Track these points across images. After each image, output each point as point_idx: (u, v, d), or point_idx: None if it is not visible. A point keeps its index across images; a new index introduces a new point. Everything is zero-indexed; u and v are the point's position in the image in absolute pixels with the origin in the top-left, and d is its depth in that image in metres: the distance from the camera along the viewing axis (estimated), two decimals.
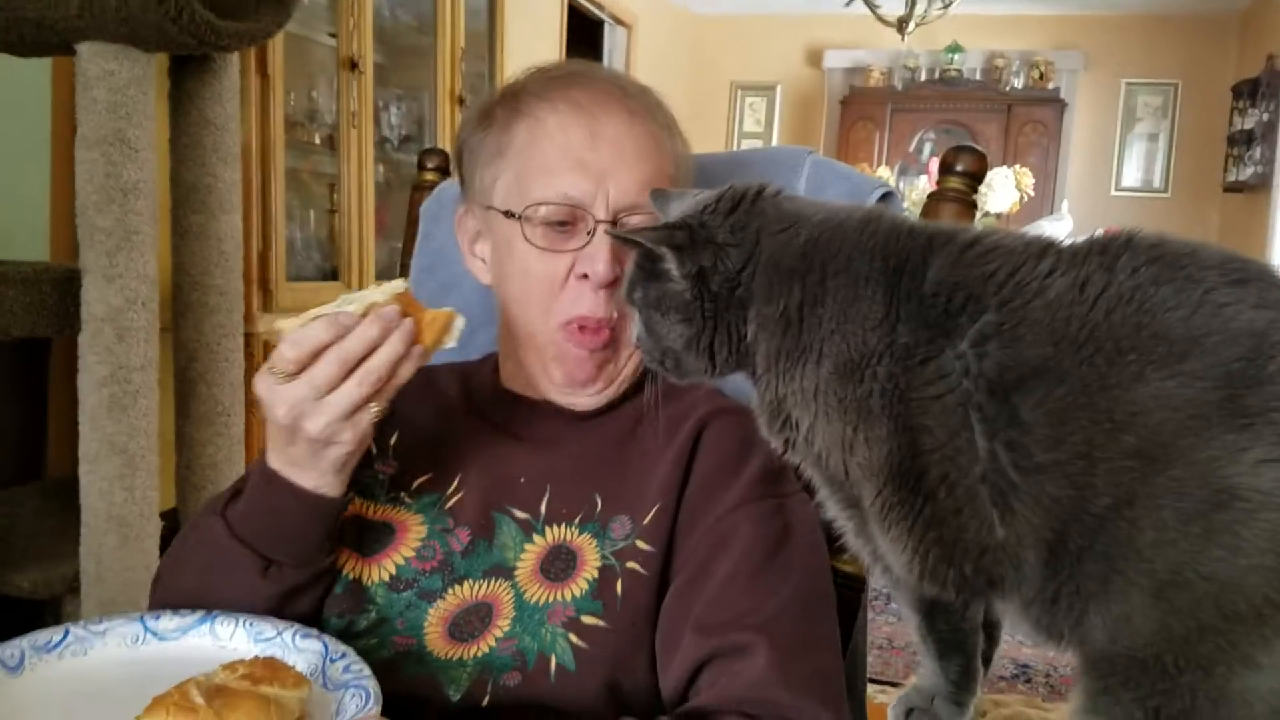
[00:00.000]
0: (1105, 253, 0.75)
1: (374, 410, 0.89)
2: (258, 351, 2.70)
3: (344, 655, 0.88)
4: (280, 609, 0.97)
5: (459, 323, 0.93)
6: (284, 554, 0.95)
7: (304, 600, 0.99)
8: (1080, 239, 0.79)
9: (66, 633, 0.91)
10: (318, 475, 0.92)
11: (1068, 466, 0.72)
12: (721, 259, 0.85)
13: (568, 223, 1.02)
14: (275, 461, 0.93)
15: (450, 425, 1.09)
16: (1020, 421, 0.73)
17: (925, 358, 0.76)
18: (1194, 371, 0.69)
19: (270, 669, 0.79)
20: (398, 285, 0.91)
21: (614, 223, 1.01)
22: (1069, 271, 0.75)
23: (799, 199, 0.89)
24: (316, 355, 0.86)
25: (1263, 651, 0.68)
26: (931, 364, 0.76)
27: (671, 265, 0.85)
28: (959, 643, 0.89)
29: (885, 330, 0.78)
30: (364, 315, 0.87)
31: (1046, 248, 0.78)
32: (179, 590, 0.99)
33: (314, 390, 0.86)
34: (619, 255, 1.00)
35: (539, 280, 1.03)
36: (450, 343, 0.93)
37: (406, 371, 0.89)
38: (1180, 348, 0.69)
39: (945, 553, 0.78)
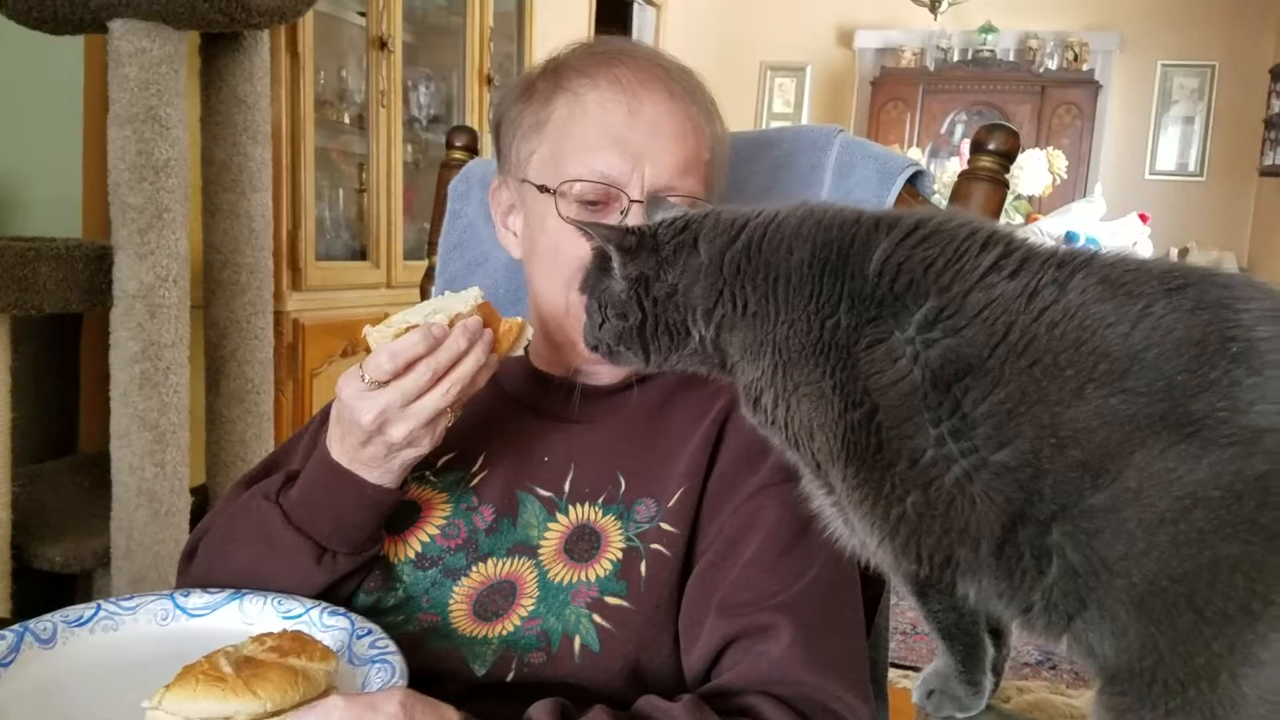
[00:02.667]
0: (1063, 267, 0.77)
1: (451, 417, 0.93)
2: (287, 330, 2.71)
3: (370, 631, 0.89)
4: (328, 595, 0.99)
5: (528, 332, 0.98)
6: (340, 543, 0.97)
7: (349, 585, 1.01)
8: (1113, 230, 0.80)
9: (98, 608, 0.93)
10: (383, 473, 0.94)
11: (1017, 473, 0.74)
12: (663, 270, 0.89)
13: (601, 201, 1.02)
14: (340, 457, 0.95)
15: (475, 404, 1.09)
16: (963, 413, 0.75)
17: (874, 340, 0.79)
18: (1135, 388, 0.71)
19: (298, 642, 0.80)
20: (476, 294, 0.94)
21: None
22: (1020, 275, 0.77)
23: (743, 209, 0.91)
24: (410, 366, 0.88)
25: (1262, 648, 0.68)
26: (881, 347, 0.78)
27: (615, 264, 0.89)
28: (957, 623, 0.89)
29: (829, 313, 0.81)
30: (450, 325, 0.90)
31: (990, 239, 0.80)
32: (226, 571, 1.00)
33: (403, 398, 0.89)
34: None
35: (567, 257, 1.03)
36: (519, 350, 0.98)
37: (483, 379, 0.92)
38: (1121, 365, 0.71)
39: (913, 528, 0.79)
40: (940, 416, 0.76)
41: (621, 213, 1.01)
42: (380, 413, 0.89)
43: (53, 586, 2.13)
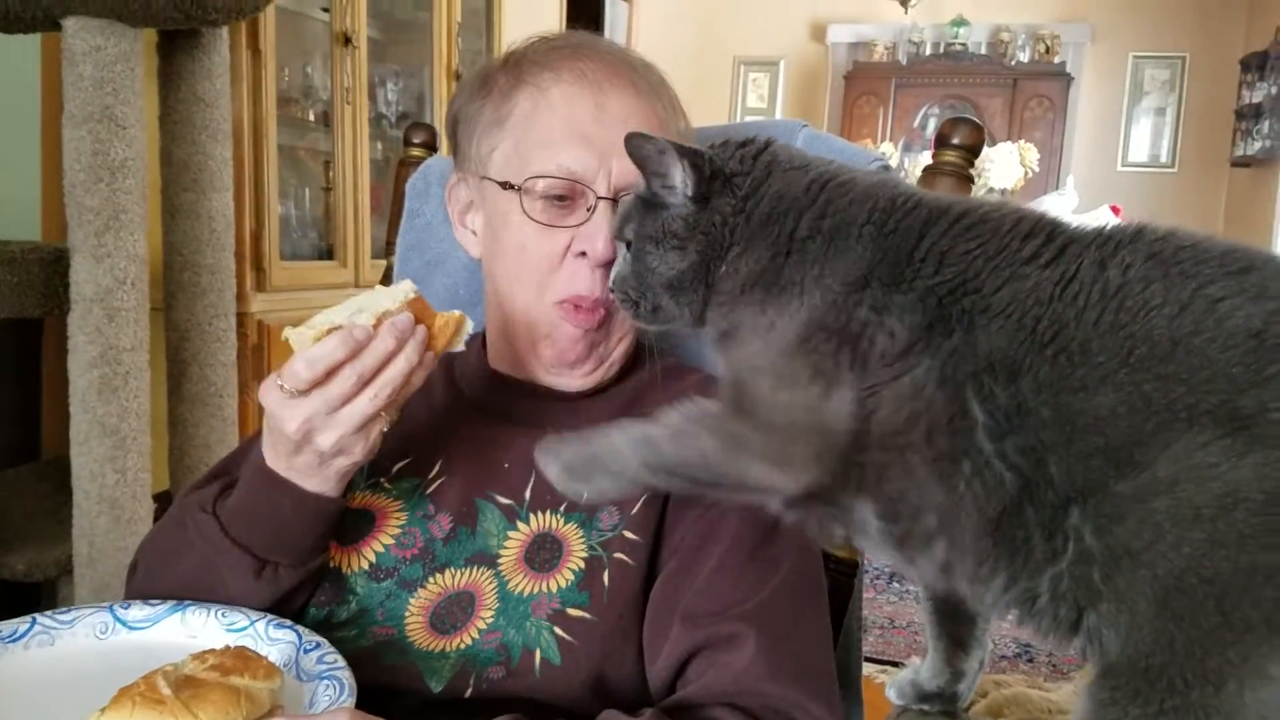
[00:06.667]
0: (1106, 245, 0.72)
1: (385, 420, 0.88)
2: (251, 331, 2.67)
3: (318, 645, 0.87)
4: (275, 610, 0.95)
5: (468, 326, 0.93)
6: (281, 555, 0.93)
7: (297, 599, 0.97)
8: (1089, 221, 0.76)
9: (33, 623, 0.90)
10: (321, 481, 0.91)
11: (1014, 458, 0.71)
12: (731, 188, 0.85)
13: (567, 197, 0.99)
14: (275, 464, 0.91)
15: (431, 408, 1.06)
16: (967, 412, 0.72)
17: (899, 330, 0.75)
18: (1175, 375, 0.66)
19: (241, 659, 0.78)
20: (407, 288, 0.89)
21: (615, 200, 0.98)
22: (1058, 262, 0.73)
23: (808, 153, 0.89)
24: (331, 373, 0.84)
25: (1274, 663, 0.66)
26: (904, 340, 0.74)
27: (683, 181, 0.85)
28: (953, 629, 0.87)
29: (856, 288, 0.77)
30: (376, 324, 0.85)
31: (1035, 227, 0.76)
32: (167, 587, 0.97)
33: (327, 405, 0.85)
34: None
35: (535, 256, 1.00)
36: (459, 345, 0.93)
37: (418, 379, 0.88)
38: (1162, 349, 0.67)
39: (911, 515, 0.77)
40: (952, 414, 0.72)
41: (588, 210, 0.99)
42: (305, 421, 0.85)
43: (16, 595, 2.09)
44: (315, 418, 0.85)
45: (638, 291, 0.89)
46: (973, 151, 1.10)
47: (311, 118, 3.25)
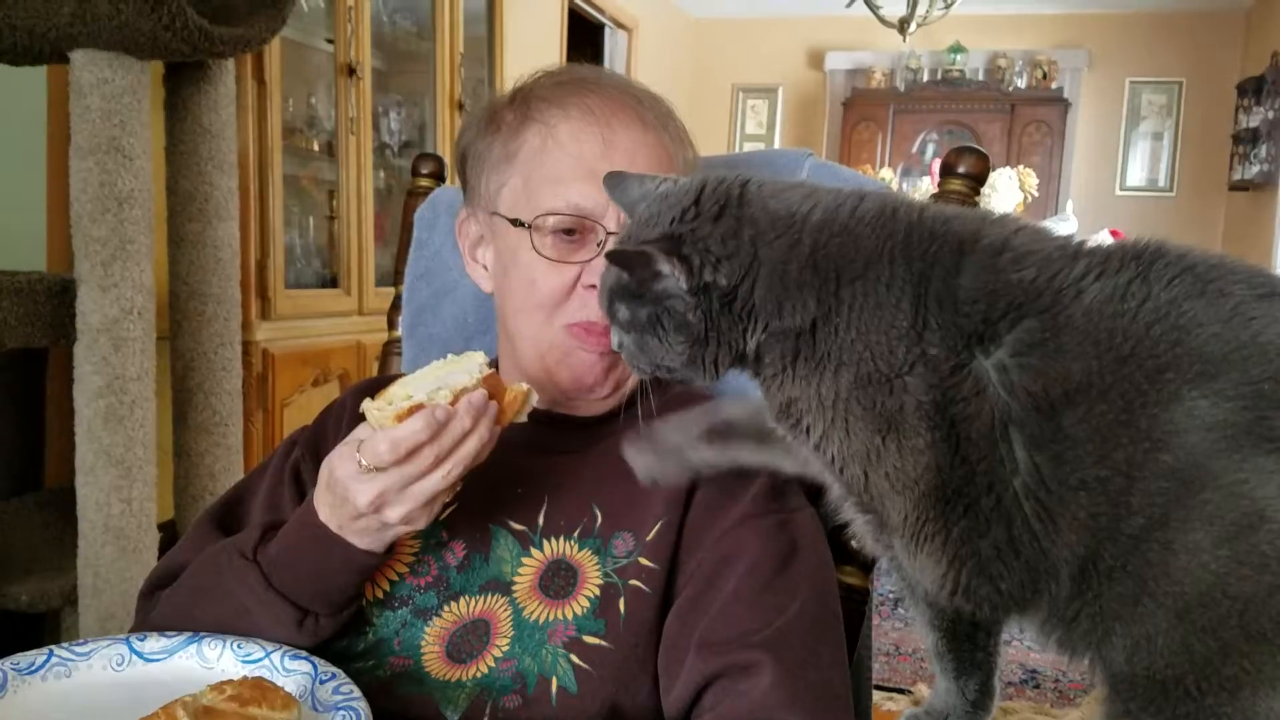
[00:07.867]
0: (1139, 259, 0.73)
1: (450, 493, 0.90)
2: (256, 360, 2.68)
3: (333, 676, 0.86)
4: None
5: (533, 398, 0.94)
6: (322, 605, 0.93)
7: (328, 642, 0.97)
8: (1100, 242, 0.77)
9: (50, 654, 0.89)
10: (373, 541, 0.91)
11: (1109, 484, 0.70)
12: (717, 273, 0.79)
13: (576, 232, 1.00)
14: (329, 521, 0.91)
15: None
16: (1065, 435, 0.71)
17: (959, 364, 0.73)
18: (1223, 391, 0.67)
19: (259, 690, 0.78)
20: (481, 360, 0.90)
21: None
22: (1105, 277, 0.73)
23: (783, 192, 0.83)
24: (411, 452, 0.85)
25: None
26: (968, 373, 0.73)
27: (679, 278, 0.80)
28: (981, 661, 0.86)
29: (913, 339, 0.74)
30: (453, 401, 0.86)
31: (1078, 250, 0.76)
32: (194, 628, 0.95)
33: (403, 481, 0.86)
34: None
35: (545, 289, 1.01)
36: (523, 417, 0.94)
37: (485, 454, 0.89)
38: (1214, 367, 0.68)
39: (981, 568, 0.75)
40: (1039, 443, 0.72)
41: (598, 244, 0.99)
42: (378, 496, 0.86)
43: (20, 626, 2.08)
44: (388, 493, 0.86)
45: (650, 366, 0.86)
46: (979, 180, 1.10)
47: (316, 147, 3.27)
